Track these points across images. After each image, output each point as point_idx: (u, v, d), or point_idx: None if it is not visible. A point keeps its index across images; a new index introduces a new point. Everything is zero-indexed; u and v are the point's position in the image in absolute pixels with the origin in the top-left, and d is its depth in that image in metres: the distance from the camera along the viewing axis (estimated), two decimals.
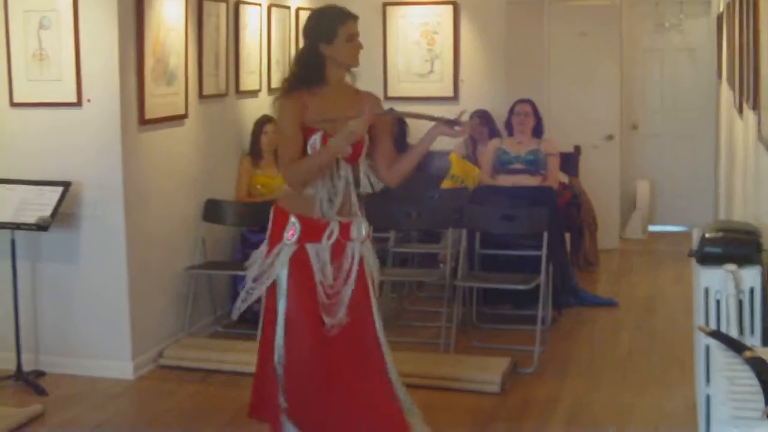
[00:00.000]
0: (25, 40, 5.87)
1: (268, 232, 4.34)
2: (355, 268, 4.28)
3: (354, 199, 4.30)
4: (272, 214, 4.35)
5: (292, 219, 4.26)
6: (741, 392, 2.67)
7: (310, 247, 4.24)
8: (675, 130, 10.85)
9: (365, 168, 4.34)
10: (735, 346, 3.02)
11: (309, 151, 4.18)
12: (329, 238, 4.25)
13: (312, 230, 4.25)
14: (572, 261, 8.20)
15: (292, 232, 4.25)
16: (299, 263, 4.24)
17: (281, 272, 4.24)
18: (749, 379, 2.78)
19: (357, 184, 4.31)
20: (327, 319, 4.21)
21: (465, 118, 4.22)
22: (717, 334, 3.17)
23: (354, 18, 4.26)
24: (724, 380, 2.79)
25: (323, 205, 4.22)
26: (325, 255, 4.24)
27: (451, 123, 4.15)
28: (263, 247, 4.35)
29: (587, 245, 8.79)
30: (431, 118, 4.24)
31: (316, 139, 4.17)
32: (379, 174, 4.36)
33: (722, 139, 9.21)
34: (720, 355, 3.03)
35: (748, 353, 2.90)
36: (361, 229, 4.32)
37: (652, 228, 10.76)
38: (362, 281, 4.31)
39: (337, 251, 4.27)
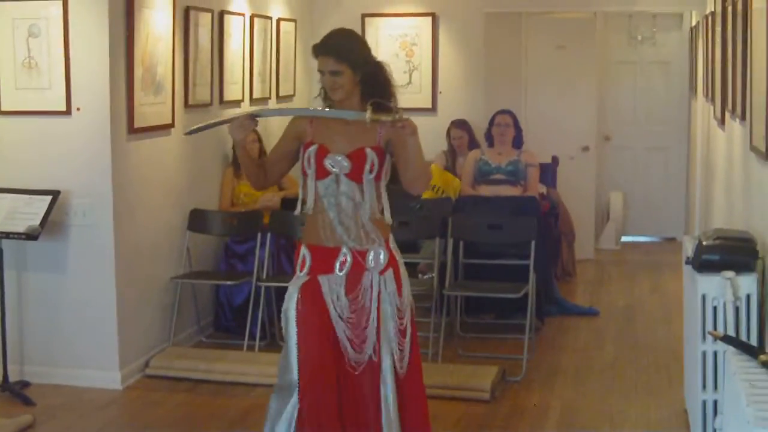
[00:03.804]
0: (13, 48, 5.83)
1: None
2: (374, 300, 4.01)
3: (365, 221, 4.01)
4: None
5: (303, 250, 4.09)
6: (763, 394, 2.72)
7: (322, 279, 4.02)
8: (647, 142, 10.99)
9: (372, 191, 4.03)
10: (749, 350, 3.08)
11: (305, 164, 4.05)
12: (342, 267, 4.02)
13: (324, 260, 4.03)
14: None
15: (303, 262, 4.06)
16: (311, 296, 4.02)
17: (290, 306, 4.04)
18: None
19: (371, 207, 4.03)
20: (352, 354, 3.99)
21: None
22: (729, 339, 3.22)
23: (323, 53, 4.04)
24: (744, 383, 2.84)
25: (332, 227, 4.01)
26: (339, 287, 4.02)
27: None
28: None
29: (565, 255, 8.86)
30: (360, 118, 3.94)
31: (311, 152, 4.04)
32: (405, 188, 4.09)
33: (697, 151, 9.34)
34: (735, 359, 3.08)
35: (763, 357, 2.96)
36: (378, 257, 4.02)
37: (624, 238, 10.87)
38: (378, 319, 4.02)
39: (354, 282, 4.02)
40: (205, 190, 7.14)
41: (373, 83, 4.07)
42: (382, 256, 4.03)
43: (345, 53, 4.02)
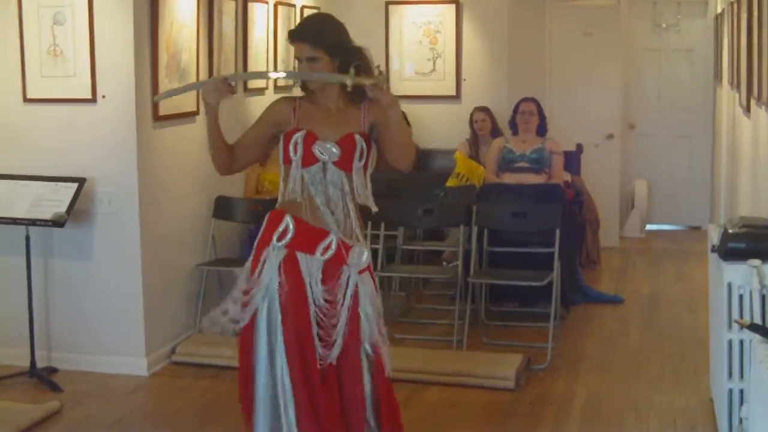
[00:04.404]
0: (39, 36, 5.86)
1: (258, 237, 3.94)
2: (348, 298, 3.82)
3: (353, 214, 3.88)
4: (266, 219, 3.96)
5: (287, 218, 3.86)
6: None
7: (301, 257, 3.83)
8: (672, 129, 10.95)
9: (361, 180, 3.91)
10: None
11: (290, 151, 3.85)
12: (324, 252, 3.83)
13: (307, 238, 3.83)
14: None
15: (284, 231, 3.84)
16: (292, 273, 3.82)
17: (271, 282, 3.82)
18: None
19: (358, 198, 3.90)
20: (321, 349, 3.80)
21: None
22: (755, 327, 3.21)
23: (296, 40, 3.90)
24: None
25: (318, 214, 3.83)
26: (316, 272, 3.83)
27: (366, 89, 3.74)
28: (249, 261, 3.92)
29: (589, 243, 8.85)
30: (335, 80, 3.82)
31: (298, 137, 3.86)
32: (393, 165, 3.94)
33: (722, 139, 9.29)
34: (761, 347, 3.07)
35: None
36: (362, 256, 3.83)
37: (649, 227, 10.83)
38: (354, 320, 3.83)
39: (330, 272, 3.84)
40: (230, 177, 7.07)
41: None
42: (364, 257, 3.85)
43: (321, 39, 3.86)
